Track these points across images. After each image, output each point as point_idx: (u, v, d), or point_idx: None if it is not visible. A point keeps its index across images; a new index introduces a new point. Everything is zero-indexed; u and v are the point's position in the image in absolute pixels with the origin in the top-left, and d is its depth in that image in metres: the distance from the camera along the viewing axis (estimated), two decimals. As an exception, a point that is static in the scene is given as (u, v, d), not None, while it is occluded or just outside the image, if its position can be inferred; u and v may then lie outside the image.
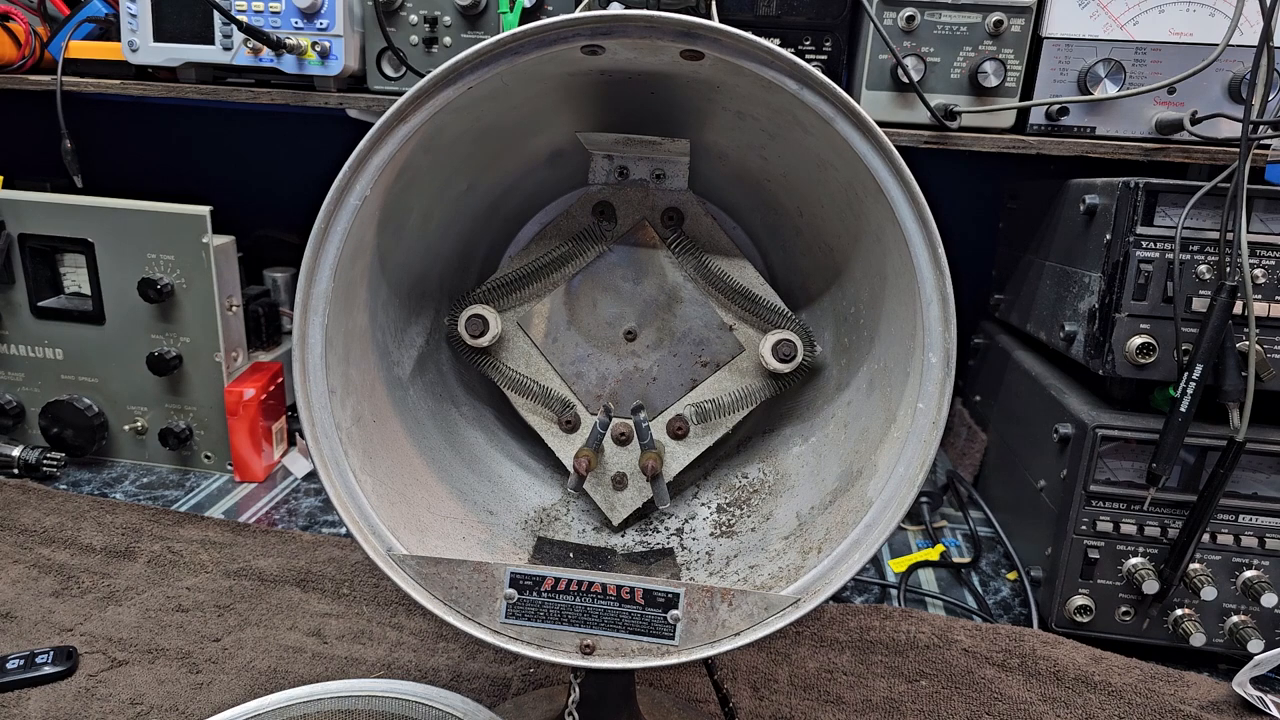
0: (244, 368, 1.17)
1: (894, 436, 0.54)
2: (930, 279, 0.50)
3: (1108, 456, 0.85)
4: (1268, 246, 0.79)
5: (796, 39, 1.00)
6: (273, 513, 1.08)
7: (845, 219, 0.58)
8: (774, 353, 0.64)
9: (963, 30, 0.95)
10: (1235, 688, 0.79)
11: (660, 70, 0.53)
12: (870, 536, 0.52)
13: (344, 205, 0.51)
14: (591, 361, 0.67)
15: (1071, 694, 0.80)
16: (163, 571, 0.92)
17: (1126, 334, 0.83)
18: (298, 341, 0.52)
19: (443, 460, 0.66)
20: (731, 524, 0.67)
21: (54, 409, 1.12)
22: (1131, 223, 0.81)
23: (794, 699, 0.78)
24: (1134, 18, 0.93)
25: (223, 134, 1.62)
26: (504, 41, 0.48)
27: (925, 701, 0.78)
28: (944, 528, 1.13)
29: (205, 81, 1.11)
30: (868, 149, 0.49)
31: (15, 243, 1.09)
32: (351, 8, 1.05)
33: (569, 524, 0.70)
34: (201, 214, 1.06)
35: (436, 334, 0.70)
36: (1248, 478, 0.84)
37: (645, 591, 0.52)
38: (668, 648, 0.53)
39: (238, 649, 0.80)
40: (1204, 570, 0.84)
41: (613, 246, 0.66)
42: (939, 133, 0.97)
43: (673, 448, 0.68)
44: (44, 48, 1.18)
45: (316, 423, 0.53)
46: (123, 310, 1.10)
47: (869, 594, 0.98)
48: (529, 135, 0.62)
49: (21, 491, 1.05)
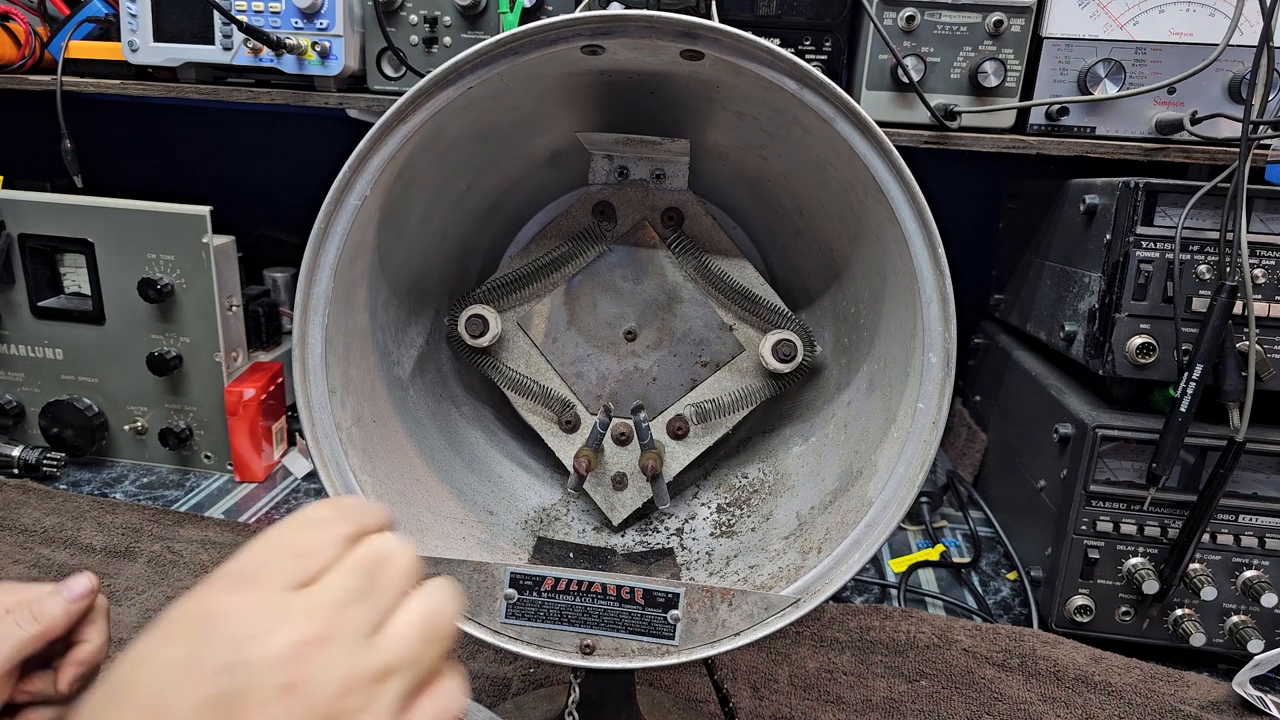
0: (244, 368, 1.17)
1: (894, 436, 0.54)
2: (930, 279, 0.50)
3: (1108, 456, 0.85)
4: (1268, 246, 0.79)
5: (796, 39, 1.00)
6: (273, 513, 1.08)
7: (845, 219, 0.58)
8: (774, 353, 0.64)
9: (963, 30, 0.95)
10: (1235, 688, 0.79)
11: (660, 70, 0.53)
12: (870, 536, 0.52)
13: (344, 205, 0.51)
14: (591, 361, 0.67)
15: (1071, 694, 0.80)
16: (163, 571, 0.92)
17: (1126, 334, 0.83)
18: (298, 341, 0.52)
19: (443, 460, 0.66)
20: (731, 524, 0.67)
21: (54, 409, 1.12)
22: (1131, 223, 0.81)
23: (794, 699, 0.78)
24: (1134, 18, 0.93)
25: (223, 134, 1.62)
26: (504, 41, 0.48)
27: (925, 701, 0.78)
28: (944, 528, 1.13)
29: (205, 81, 1.11)
30: (868, 149, 0.49)
31: (15, 243, 1.09)
32: (351, 8, 1.05)
33: (569, 524, 0.70)
34: (201, 214, 1.06)
35: (436, 334, 0.70)
36: (1248, 478, 0.84)
37: (645, 591, 0.52)
38: (668, 648, 0.53)
39: (238, 649, 0.80)
40: (1204, 570, 0.84)
41: (613, 246, 0.66)
42: (939, 133, 0.97)
43: (673, 448, 0.68)
44: (44, 48, 1.18)
45: (316, 423, 0.53)
46: (123, 310, 1.10)
47: (869, 594, 0.98)
48: (529, 135, 0.62)
49: (21, 491, 1.05)
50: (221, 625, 0.30)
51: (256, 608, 0.30)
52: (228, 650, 0.29)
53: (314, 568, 0.33)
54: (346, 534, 0.34)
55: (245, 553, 0.33)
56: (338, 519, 0.35)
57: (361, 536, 0.35)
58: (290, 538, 0.34)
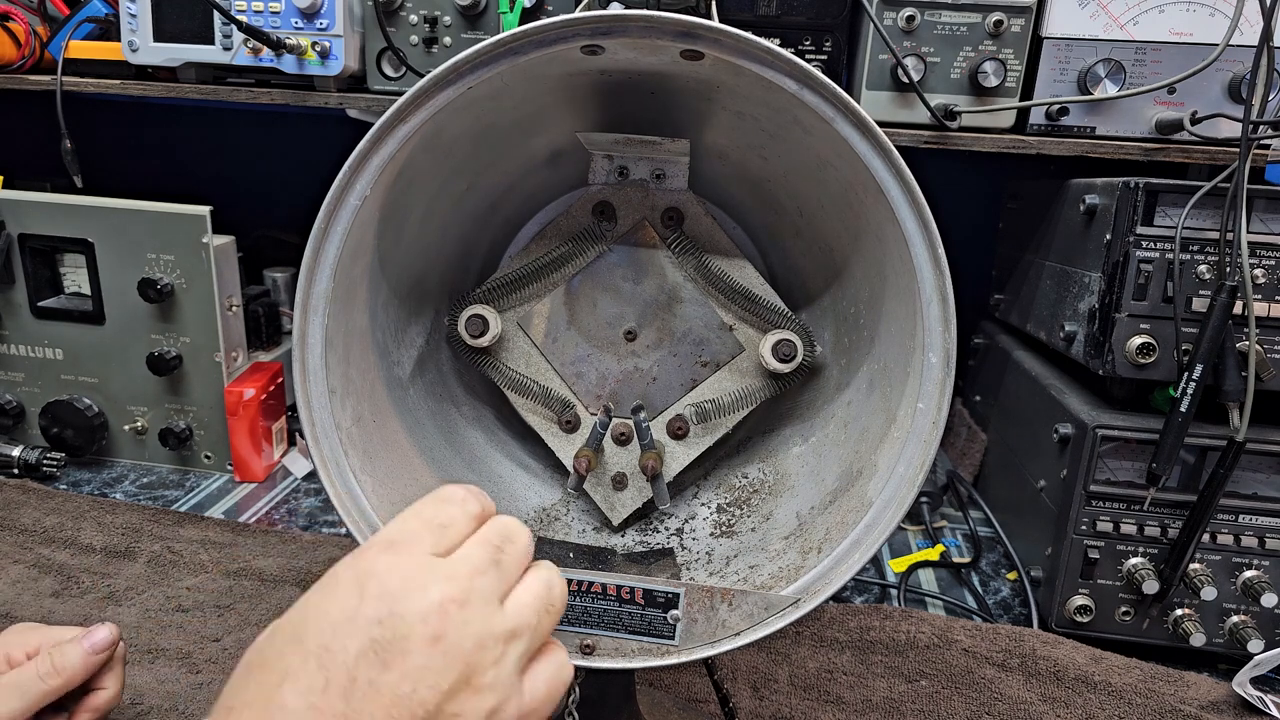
0: (244, 368, 1.17)
1: (894, 436, 0.54)
2: (930, 279, 0.50)
3: (1108, 456, 0.85)
4: (1268, 246, 0.79)
5: (796, 39, 1.00)
6: (273, 513, 1.08)
7: (845, 219, 0.58)
8: (774, 353, 0.64)
9: (963, 30, 0.95)
10: (1235, 688, 0.79)
11: (660, 70, 0.53)
12: (870, 536, 0.52)
13: (344, 205, 0.51)
14: (591, 361, 0.67)
15: (1071, 694, 0.80)
16: (163, 571, 0.92)
17: (1126, 334, 0.83)
18: (298, 341, 0.52)
19: (443, 460, 0.66)
20: (731, 524, 0.67)
21: (54, 409, 1.12)
22: (1131, 223, 0.81)
23: (794, 699, 0.78)
24: (1134, 18, 0.93)
25: (223, 134, 1.62)
26: (504, 41, 0.48)
27: (925, 701, 0.78)
28: (944, 528, 1.13)
29: (205, 81, 1.11)
30: (868, 149, 0.49)
31: (15, 243, 1.09)
32: (351, 8, 1.05)
33: (569, 524, 0.70)
34: (201, 214, 1.06)
35: (436, 334, 0.70)
36: (1248, 478, 0.84)
37: (645, 591, 0.52)
38: (668, 648, 0.53)
39: (238, 649, 0.80)
40: (1204, 570, 0.84)
41: (613, 246, 0.66)
42: (939, 133, 0.97)
43: (673, 448, 0.68)
44: (44, 48, 1.18)
45: (316, 423, 0.53)
46: (123, 310, 1.10)
47: (869, 594, 0.98)
48: (529, 135, 0.62)
49: (21, 491, 1.05)
50: (378, 582, 0.34)
51: (407, 569, 0.35)
52: (383, 603, 0.34)
53: (453, 538, 0.38)
54: (476, 512, 0.40)
55: (395, 523, 0.39)
56: (469, 498, 0.40)
57: (487, 516, 0.41)
58: (432, 511, 0.39)
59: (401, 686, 0.32)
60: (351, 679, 0.32)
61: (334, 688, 0.32)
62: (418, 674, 0.33)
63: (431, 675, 0.33)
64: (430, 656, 0.33)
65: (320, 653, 0.32)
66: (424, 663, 0.33)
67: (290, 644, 0.33)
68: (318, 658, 0.32)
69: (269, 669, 0.33)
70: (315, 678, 0.32)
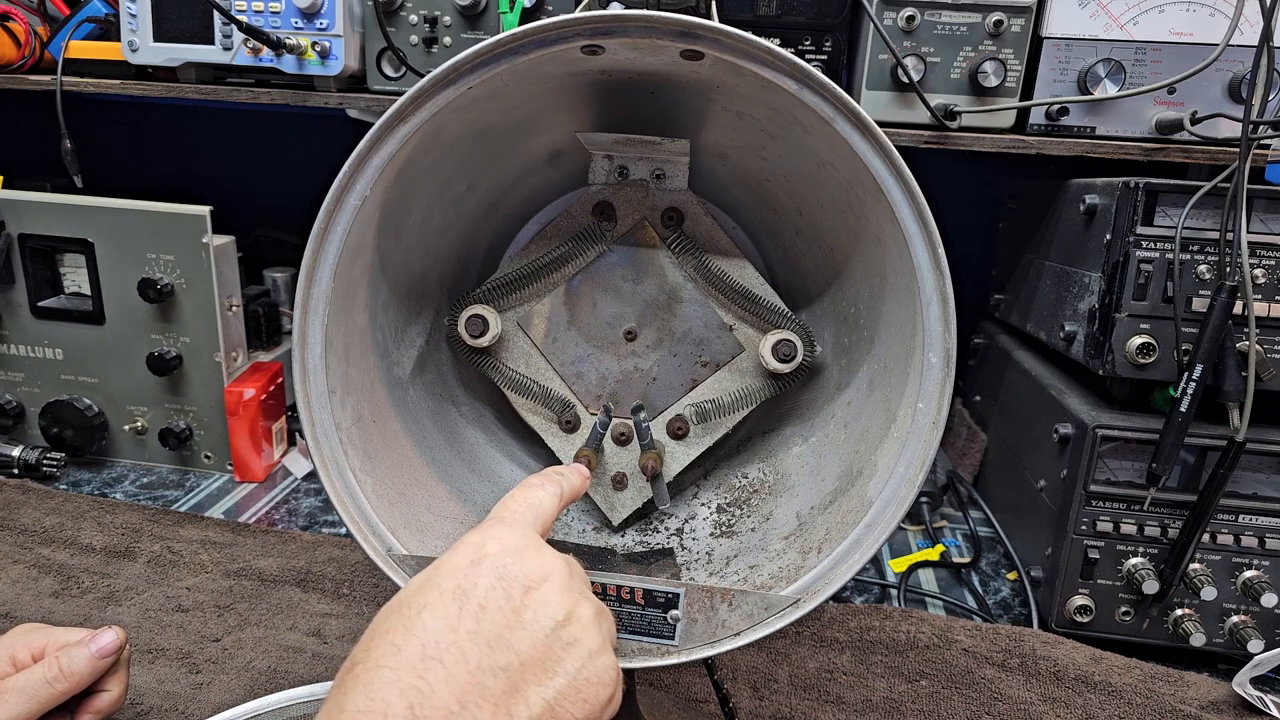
0: (244, 368, 1.17)
1: (894, 436, 0.54)
2: (930, 279, 0.50)
3: (1108, 456, 0.85)
4: (1268, 246, 0.79)
5: (796, 39, 1.00)
6: (273, 513, 1.08)
7: (845, 219, 0.58)
8: (774, 353, 0.64)
9: (963, 30, 0.95)
10: (1235, 688, 0.79)
11: (660, 70, 0.53)
12: (870, 536, 0.53)
13: (344, 205, 0.51)
14: (591, 361, 0.67)
15: (1071, 694, 0.80)
16: (163, 571, 0.92)
17: (1126, 334, 0.83)
18: (298, 341, 0.52)
19: (442, 460, 0.66)
20: (731, 524, 0.67)
21: (54, 409, 1.12)
22: (1131, 223, 0.81)
23: (794, 699, 0.78)
24: (1134, 18, 0.93)
25: (223, 134, 1.62)
26: (504, 41, 0.48)
27: (925, 701, 0.78)
28: (944, 528, 1.13)
29: (205, 81, 1.11)
30: (868, 149, 0.49)
31: (15, 243, 1.09)
32: (351, 8, 1.05)
33: (569, 524, 0.70)
34: (201, 214, 1.06)
35: (436, 334, 0.70)
36: (1248, 478, 0.84)
37: (645, 591, 0.52)
38: (668, 648, 0.53)
39: (238, 649, 0.80)
40: (1204, 570, 0.84)
41: (613, 246, 0.66)
42: (939, 133, 0.97)
43: (673, 448, 0.68)
44: (44, 48, 1.18)
45: (316, 423, 0.53)
46: (123, 310, 1.10)
47: (869, 594, 0.98)
48: (529, 135, 0.62)
49: (21, 491, 1.05)
50: (494, 543, 0.43)
51: (514, 538, 0.43)
52: (499, 560, 0.42)
53: (544, 518, 0.48)
54: (559, 494, 0.50)
55: (501, 504, 0.48)
56: (550, 483, 0.50)
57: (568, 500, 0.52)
58: (525, 495, 0.49)
59: (524, 614, 0.40)
60: (481, 606, 0.39)
61: (467, 613, 0.39)
62: (538, 604, 0.41)
63: (549, 607, 0.41)
64: (532, 599, 0.41)
65: (454, 589, 0.40)
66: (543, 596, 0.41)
67: (426, 586, 0.40)
68: (452, 593, 0.40)
69: (408, 605, 0.40)
70: (450, 606, 0.39)
